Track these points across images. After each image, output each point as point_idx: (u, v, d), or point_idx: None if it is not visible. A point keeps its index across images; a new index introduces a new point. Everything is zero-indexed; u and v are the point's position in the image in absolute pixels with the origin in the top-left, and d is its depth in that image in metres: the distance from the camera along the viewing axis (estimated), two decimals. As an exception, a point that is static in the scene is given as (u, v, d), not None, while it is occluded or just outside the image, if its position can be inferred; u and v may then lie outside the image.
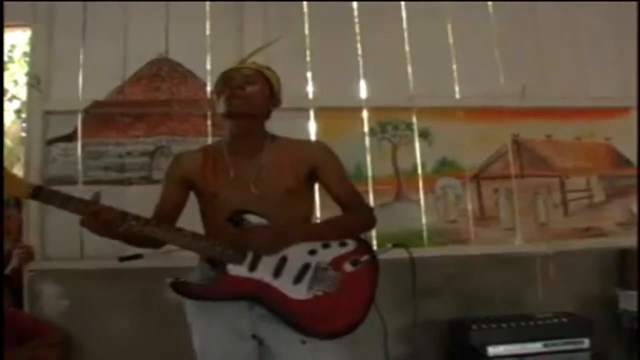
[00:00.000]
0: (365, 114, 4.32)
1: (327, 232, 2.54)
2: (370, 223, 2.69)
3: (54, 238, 3.91)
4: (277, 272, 2.42)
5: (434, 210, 4.31)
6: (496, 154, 4.43)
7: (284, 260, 2.44)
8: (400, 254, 2.61)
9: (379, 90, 4.34)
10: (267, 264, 2.43)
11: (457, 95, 4.42)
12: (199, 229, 2.61)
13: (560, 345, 3.71)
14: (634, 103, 4.50)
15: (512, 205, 4.38)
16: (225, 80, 2.61)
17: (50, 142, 4.06)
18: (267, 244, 2.41)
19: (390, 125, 4.33)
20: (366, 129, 4.31)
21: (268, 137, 2.67)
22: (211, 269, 2.46)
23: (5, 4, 3.69)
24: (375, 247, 2.61)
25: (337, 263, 2.45)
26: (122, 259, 2.95)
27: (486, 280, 4.17)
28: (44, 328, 3.70)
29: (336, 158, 2.70)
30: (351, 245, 2.50)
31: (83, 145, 4.06)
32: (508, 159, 4.42)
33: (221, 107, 2.56)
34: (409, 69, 4.38)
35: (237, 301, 2.45)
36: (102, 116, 4.11)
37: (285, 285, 2.42)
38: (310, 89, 4.31)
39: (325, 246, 2.48)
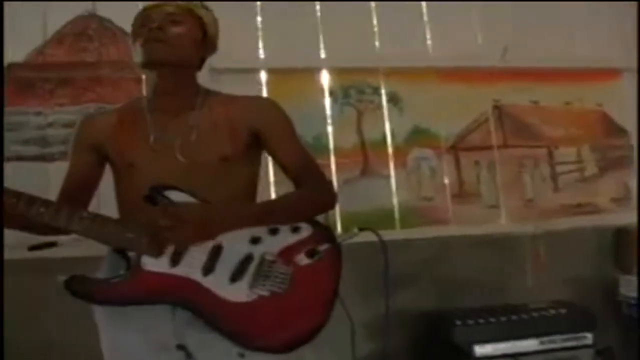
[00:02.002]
0: (325, 75, 3.96)
1: (274, 214, 2.06)
2: (330, 201, 2.21)
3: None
4: (209, 267, 1.91)
5: (407, 187, 3.98)
6: (475, 121, 4.13)
7: (217, 250, 1.93)
8: (368, 236, 2.16)
9: (340, 48, 3.94)
10: (195, 256, 1.91)
11: (430, 55, 4.08)
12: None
13: (559, 342, 3.32)
14: (627, 64, 4.25)
15: (495, 180, 4.11)
16: (143, 20, 2.10)
17: (-41, 113, 3.65)
18: (194, 230, 1.90)
19: (354, 89, 3.99)
20: (326, 93, 3.96)
21: (200, 91, 2.18)
22: (122, 262, 1.93)
23: None
24: (338, 231, 2.06)
25: (288, 254, 1.97)
26: (33, 247, 2.43)
27: (467, 265, 3.88)
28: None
29: (286, 118, 2.22)
30: (306, 230, 2.02)
31: None
32: (489, 127, 4.14)
33: (138, 54, 2.07)
34: (375, 25, 4.02)
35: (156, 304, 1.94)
36: (19, 81, 3.64)
37: (219, 284, 1.90)
38: (261, 47, 3.88)
39: (273, 232, 2.00)
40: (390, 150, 3.98)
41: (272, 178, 3.22)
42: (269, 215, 2.04)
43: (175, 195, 1.93)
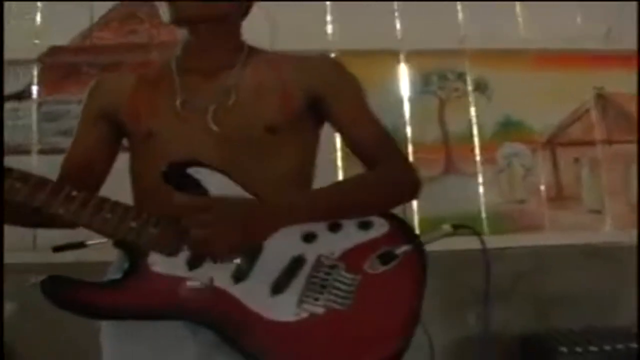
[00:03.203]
0: (402, 60, 3.63)
1: (336, 203, 1.56)
2: (412, 188, 1.69)
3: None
4: (243, 272, 1.42)
5: (496, 187, 3.62)
6: (575, 112, 3.75)
7: (255, 249, 1.44)
8: (449, 243, 1.69)
9: (420, 28, 3.61)
10: None
11: (522, 36, 3.75)
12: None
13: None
14: None
15: (598, 180, 3.73)
16: None
17: (-2, 101, 3.46)
18: (228, 228, 1.40)
19: (436, 75, 3.68)
20: (404, 79, 3.63)
21: (244, 48, 1.73)
22: (125, 260, 1.47)
23: None
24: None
25: (353, 257, 1.47)
26: (57, 249, 1.99)
27: (566, 280, 3.42)
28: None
29: (355, 81, 1.75)
30: (379, 226, 1.53)
31: (39, 105, 3.46)
32: (591, 119, 3.77)
33: (166, 12, 1.66)
34: (458, 2, 3.73)
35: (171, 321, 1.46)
36: (63, 67, 3.50)
37: (255, 296, 1.41)
38: (329, 26, 3.61)
39: (334, 228, 1.51)
40: (477, 145, 3.63)
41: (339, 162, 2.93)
42: (329, 205, 1.55)
43: (204, 174, 1.47)
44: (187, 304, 1.39)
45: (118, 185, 1.74)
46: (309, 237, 1.47)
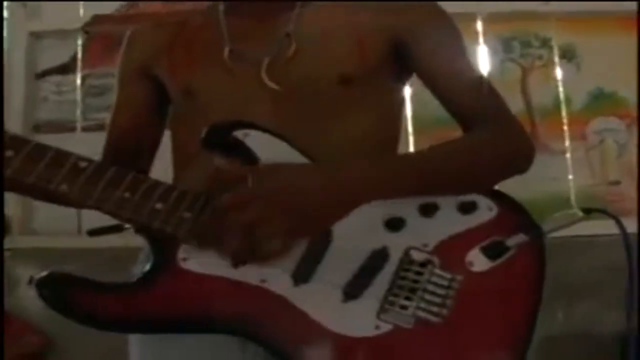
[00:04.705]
0: (479, 24, 3.23)
1: (427, 174, 1.20)
2: (526, 156, 1.36)
3: (42, 206, 2.98)
4: (305, 271, 1.08)
5: (586, 166, 3.20)
6: None
7: (322, 240, 1.09)
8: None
9: None
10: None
11: None
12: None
13: None
14: None
15: None
16: None
17: (40, 75, 3.23)
18: (277, 206, 1.07)
19: (518, 41, 3.29)
20: (482, 46, 3.23)
21: None
22: (150, 252, 1.13)
23: None
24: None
25: (452, 250, 1.14)
26: (92, 232, 1.70)
27: None
28: (19, 331, 2.85)
29: (451, 25, 1.39)
30: (486, 209, 1.19)
31: (83, 78, 3.23)
32: None
33: None
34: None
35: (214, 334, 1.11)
36: (109, 37, 3.23)
37: (322, 303, 1.07)
38: None
39: (426, 210, 1.16)
40: (565, 119, 3.20)
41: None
42: (418, 175, 1.19)
43: (256, 140, 1.13)
44: (229, 313, 1.05)
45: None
46: (394, 223, 1.12)
